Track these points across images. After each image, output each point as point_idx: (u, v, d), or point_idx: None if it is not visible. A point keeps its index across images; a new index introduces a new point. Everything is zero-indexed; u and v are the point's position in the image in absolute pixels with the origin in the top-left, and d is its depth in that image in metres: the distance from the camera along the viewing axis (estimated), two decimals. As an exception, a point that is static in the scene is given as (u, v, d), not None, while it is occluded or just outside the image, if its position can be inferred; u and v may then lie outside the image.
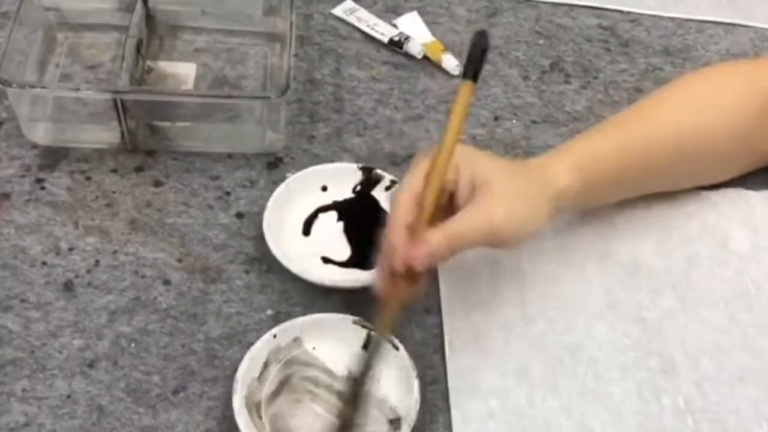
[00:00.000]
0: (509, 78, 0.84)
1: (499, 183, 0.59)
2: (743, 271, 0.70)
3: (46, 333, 0.61)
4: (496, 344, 0.63)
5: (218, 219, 0.69)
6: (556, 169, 0.63)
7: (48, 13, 0.78)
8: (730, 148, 0.71)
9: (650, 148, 0.68)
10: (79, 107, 0.72)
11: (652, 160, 0.68)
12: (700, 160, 0.71)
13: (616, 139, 0.68)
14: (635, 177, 0.69)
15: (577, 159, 0.65)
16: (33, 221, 0.67)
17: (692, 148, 0.69)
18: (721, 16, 0.94)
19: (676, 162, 0.70)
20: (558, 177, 0.63)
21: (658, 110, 0.70)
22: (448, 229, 0.57)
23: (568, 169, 0.63)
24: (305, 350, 0.61)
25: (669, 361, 0.64)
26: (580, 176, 0.64)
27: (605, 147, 0.67)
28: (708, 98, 0.71)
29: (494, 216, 0.58)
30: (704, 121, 0.70)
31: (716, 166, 0.73)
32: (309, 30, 0.86)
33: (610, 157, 0.66)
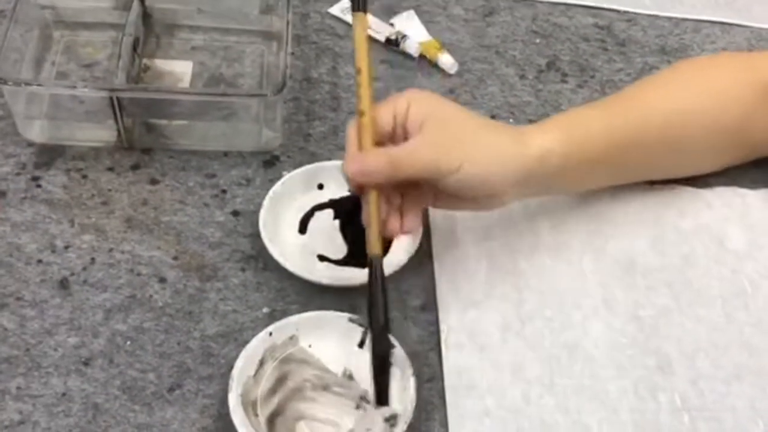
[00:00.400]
0: (506, 77, 0.84)
1: (458, 119, 0.60)
2: (739, 269, 0.70)
3: (42, 331, 0.61)
4: (492, 342, 0.63)
5: (214, 217, 0.69)
6: (537, 132, 0.63)
7: (44, 11, 0.78)
8: (719, 136, 0.71)
9: (638, 127, 0.67)
10: (75, 105, 0.72)
11: (639, 139, 0.68)
12: (687, 144, 0.70)
13: (604, 115, 0.67)
14: (622, 157, 0.68)
15: (563, 127, 0.64)
16: (29, 219, 0.67)
17: (680, 131, 0.69)
18: (717, 15, 0.94)
19: (663, 144, 0.69)
20: (539, 138, 0.62)
21: (649, 92, 0.70)
22: (390, 149, 0.59)
23: (551, 135, 0.63)
24: (301, 348, 0.61)
25: (665, 359, 0.64)
26: (564, 141, 0.63)
27: (592, 121, 0.66)
28: (699, 84, 0.71)
29: (444, 147, 0.58)
30: (693, 106, 0.69)
31: (705, 154, 0.73)
32: (306, 29, 0.85)
33: (597, 132, 0.66)
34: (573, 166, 0.64)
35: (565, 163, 0.63)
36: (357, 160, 0.59)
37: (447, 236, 0.69)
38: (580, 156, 0.65)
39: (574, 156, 0.64)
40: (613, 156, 0.67)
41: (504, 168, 0.61)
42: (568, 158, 0.63)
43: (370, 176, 0.59)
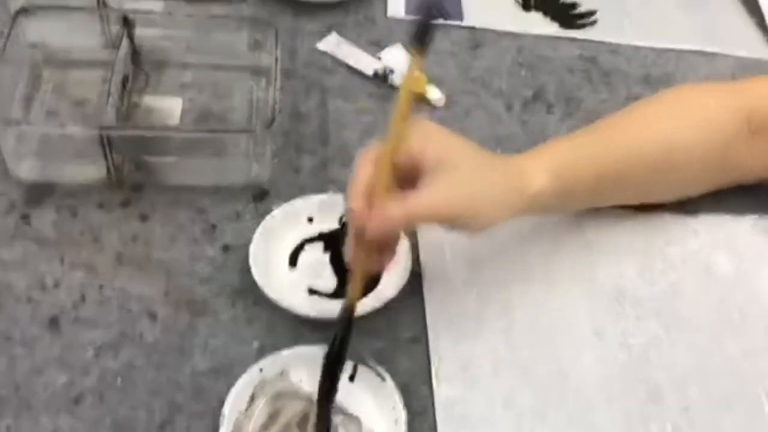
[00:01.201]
0: (493, 108, 0.84)
1: (465, 166, 0.60)
2: (727, 296, 0.70)
3: (31, 369, 0.61)
4: (483, 373, 0.63)
5: (204, 252, 0.69)
6: (531, 170, 0.64)
7: (34, 51, 0.78)
8: (704, 164, 0.72)
9: (625, 159, 0.69)
10: (65, 143, 0.72)
11: (626, 170, 0.69)
12: (673, 173, 0.71)
13: (592, 148, 0.69)
14: (609, 186, 0.70)
15: (554, 164, 0.65)
16: (18, 257, 0.67)
17: (666, 161, 0.70)
18: (699, 45, 0.95)
19: (649, 173, 0.70)
20: (532, 179, 0.64)
21: (635, 122, 0.71)
22: (407, 203, 0.58)
23: (544, 172, 0.64)
24: (292, 383, 0.61)
25: (656, 388, 0.64)
26: (555, 181, 0.64)
27: (581, 155, 0.68)
28: (683, 113, 0.72)
29: (455, 196, 0.59)
30: (679, 135, 0.70)
31: (690, 181, 0.74)
32: (294, 64, 0.86)
33: (586, 165, 0.67)
34: (559, 201, 0.66)
35: (555, 201, 0.66)
36: (378, 216, 0.57)
37: (437, 267, 0.69)
38: (570, 194, 0.67)
39: (565, 193, 0.66)
40: (600, 188, 0.69)
41: (505, 213, 0.62)
42: (559, 196, 0.65)
43: (386, 230, 0.58)
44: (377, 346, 0.64)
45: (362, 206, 0.57)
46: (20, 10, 0.75)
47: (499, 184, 0.62)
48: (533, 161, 0.65)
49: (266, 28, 0.78)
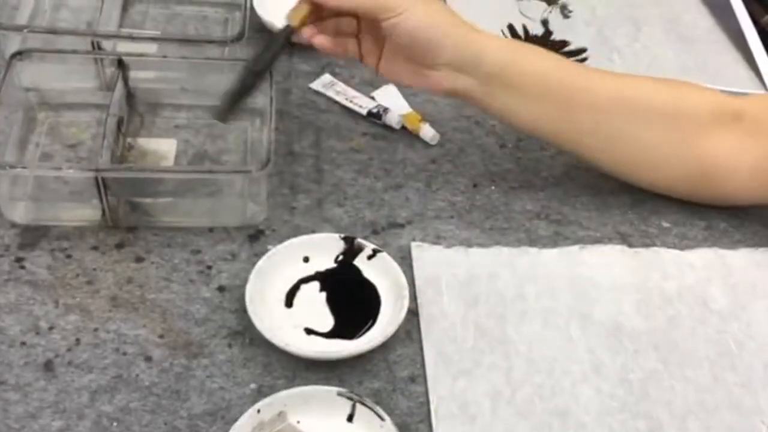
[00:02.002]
0: (486, 146, 0.85)
1: None
2: (724, 329, 0.70)
3: (26, 415, 0.60)
4: (483, 411, 0.63)
5: (200, 293, 0.69)
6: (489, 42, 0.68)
7: (28, 94, 0.78)
8: (673, 135, 0.72)
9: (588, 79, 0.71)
10: (60, 186, 0.72)
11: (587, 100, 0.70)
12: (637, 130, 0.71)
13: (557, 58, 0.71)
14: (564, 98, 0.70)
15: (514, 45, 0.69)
16: (12, 301, 0.67)
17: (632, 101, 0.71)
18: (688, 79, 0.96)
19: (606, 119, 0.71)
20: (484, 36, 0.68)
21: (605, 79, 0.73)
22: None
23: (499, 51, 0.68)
24: (290, 424, 0.60)
25: (656, 423, 0.63)
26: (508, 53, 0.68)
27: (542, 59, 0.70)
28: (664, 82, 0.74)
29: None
30: (650, 94, 0.72)
31: (657, 151, 0.74)
32: (288, 104, 0.87)
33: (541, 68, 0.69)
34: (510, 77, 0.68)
35: (502, 68, 0.67)
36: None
37: (434, 305, 0.69)
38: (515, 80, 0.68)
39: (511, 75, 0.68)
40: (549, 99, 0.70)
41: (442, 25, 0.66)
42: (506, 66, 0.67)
43: None
44: (375, 386, 0.64)
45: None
46: (15, 54, 0.75)
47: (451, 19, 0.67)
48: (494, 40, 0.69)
49: (260, 69, 0.79)
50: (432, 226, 0.76)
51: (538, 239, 0.76)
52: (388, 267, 0.70)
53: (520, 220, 0.78)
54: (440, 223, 0.76)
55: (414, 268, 0.71)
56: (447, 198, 0.79)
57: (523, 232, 0.77)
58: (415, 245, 0.73)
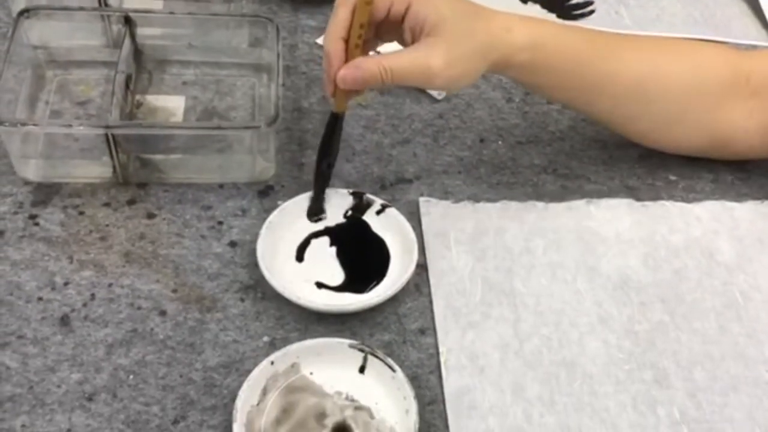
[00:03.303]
0: (493, 101, 0.85)
1: (447, 32, 0.63)
2: (730, 281, 0.71)
3: (44, 368, 0.61)
4: (491, 363, 0.64)
5: (212, 248, 0.70)
6: (515, 28, 0.66)
7: (37, 52, 0.78)
8: (691, 105, 0.73)
9: (612, 63, 0.70)
10: (70, 143, 0.73)
11: (609, 75, 0.70)
12: (658, 103, 0.72)
13: (583, 40, 0.70)
14: (589, 83, 0.71)
15: (541, 31, 0.67)
16: (27, 257, 0.67)
17: (654, 86, 0.71)
18: (696, 32, 0.96)
19: (633, 91, 0.71)
20: (514, 36, 0.66)
21: (632, 42, 0.73)
22: (385, 62, 0.62)
23: (527, 35, 0.66)
24: (303, 376, 0.62)
25: (662, 373, 0.65)
26: (536, 46, 0.67)
27: (570, 38, 0.69)
28: (681, 50, 0.74)
29: (433, 62, 0.63)
30: (670, 67, 0.72)
31: (675, 121, 0.74)
32: (295, 60, 0.87)
33: (572, 50, 0.69)
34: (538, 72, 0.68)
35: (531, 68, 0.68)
36: (352, 68, 0.63)
37: (442, 258, 0.70)
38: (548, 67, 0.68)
39: (542, 65, 0.68)
40: (579, 79, 0.70)
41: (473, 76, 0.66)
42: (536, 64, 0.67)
43: (359, 84, 0.63)
44: (386, 338, 0.65)
45: (338, 51, 0.63)
46: (22, 12, 0.75)
47: (479, 37, 0.65)
48: (521, 22, 0.67)
49: (266, 24, 0.78)
50: (440, 181, 0.77)
51: (545, 193, 0.77)
52: (396, 222, 0.70)
53: (528, 174, 0.78)
54: (448, 178, 0.77)
55: (422, 222, 0.72)
56: (454, 153, 0.79)
57: (531, 187, 0.77)
58: (423, 200, 0.74)
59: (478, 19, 0.65)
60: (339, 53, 0.64)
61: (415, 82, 0.66)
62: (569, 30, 0.71)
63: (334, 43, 0.63)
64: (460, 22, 0.64)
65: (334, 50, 0.63)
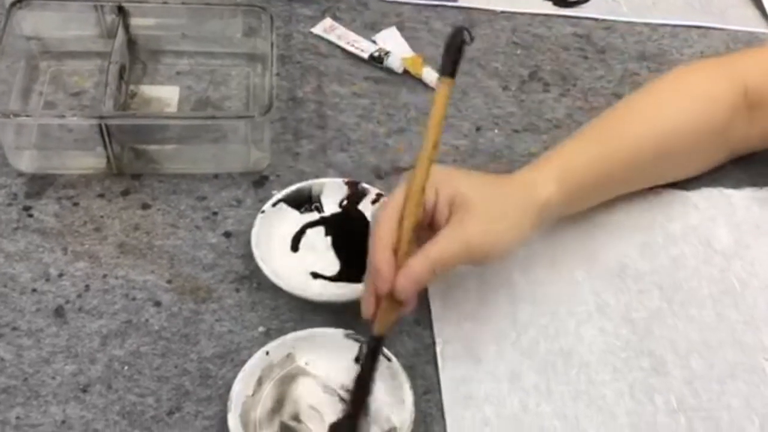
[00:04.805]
0: (489, 89, 0.85)
1: (476, 201, 0.60)
2: (728, 268, 0.71)
3: (39, 360, 0.61)
4: (488, 352, 0.64)
5: (206, 239, 0.69)
6: (538, 182, 0.64)
7: (30, 43, 0.78)
8: (709, 142, 0.73)
9: (632, 151, 0.69)
10: (64, 134, 0.73)
11: (634, 162, 0.70)
12: (680, 153, 0.72)
13: (598, 146, 0.69)
14: (617, 180, 0.71)
15: (560, 170, 0.65)
16: (21, 249, 0.67)
17: (673, 145, 0.71)
18: (693, 20, 0.95)
19: (656, 162, 0.71)
20: (540, 190, 0.64)
21: (638, 112, 0.71)
22: (428, 253, 0.57)
23: (551, 181, 0.64)
24: (298, 366, 0.61)
25: (660, 361, 0.64)
26: (562, 187, 0.64)
27: (587, 156, 0.68)
28: (686, 93, 0.73)
29: (471, 235, 0.59)
30: (684, 115, 0.71)
31: (694, 159, 0.75)
32: (289, 49, 0.86)
33: (593, 165, 0.67)
34: (568, 205, 0.67)
35: (565, 206, 0.66)
36: (406, 275, 0.56)
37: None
38: (578, 197, 0.67)
39: (572, 199, 0.66)
40: (608, 184, 0.70)
41: (517, 236, 0.62)
42: (568, 201, 0.66)
43: (416, 287, 0.58)
44: (382, 327, 0.65)
45: (389, 268, 0.56)
46: (14, 2, 0.75)
47: (511, 209, 0.62)
48: (539, 173, 0.65)
49: (261, 14, 0.78)
50: (436, 169, 0.76)
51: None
52: (392, 211, 0.70)
53: (524, 162, 0.77)
54: (444, 166, 0.76)
55: (418, 211, 0.72)
56: (450, 141, 0.79)
57: (527, 175, 0.77)
58: (419, 189, 0.74)
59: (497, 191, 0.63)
60: (391, 265, 0.57)
61: (462, 260, 0.60)
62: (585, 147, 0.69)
63: (383, 253, 0.57)
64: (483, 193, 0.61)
65: (385, 262, 0.56)
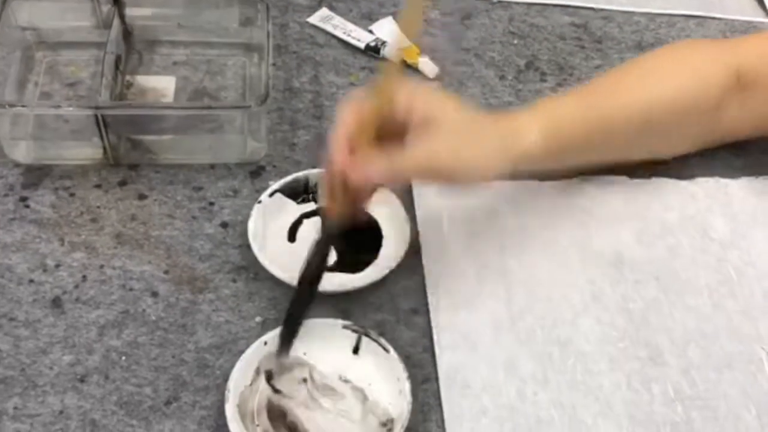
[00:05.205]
0: (486, 79, 0.84)
1: (451, 124, 0.60)
2: (724, 258, 0.71)
3: (36, 350, 0.61)
4: (484, 341, 0.64)
5: (203, 229, 0.69)
6: (522, 127, 0.65)
7: (26, 33, 0.78)
8: (698, 117, 0.73)
9: (617, 117, 0.69)
10: (60, 124, 0.72)
11: (618, 128, 0.69)
12: (668, 128, 0.72)
13: (584, 105, 0.69)
14: (600, 144, 0.70)
15: (544, 120, 0.66)
16: (18, 239, 0.67)
17: (661, 116, 0.71)
18: (691, 9, 0.95)
19: (644, 130, 0.71)
20: (522, 134, 0.64)
21: (627, 79, 0.72)
22: (391, 160, 0.59)
23: (534, 128, 0.65)
24: (296, 356, 0.62)
25: (656, 351, 0.64)
26: (545, 137, 0.65)
27: (572, 112, 0.68)
28: (679, 68, 0.73)
29: (438, 152, 0.60)
30: (675, 90, 0.71)
31: (684, 137, 0.75)
32: (286, 39, 0.86)
33: (577, 124, 0.68)
34: (553, 157, 0.67)
35: (545, 157, 0.66)
36: (361, 168, 0.58)
37: (435, 238, 0.70)
38: (560, 151, 0.67)
39: (555, 150, 0.66)
40: (590, 146, 0.69)
41: (492, 167, 0.62)
42: (549, 152, 0.65)
43: (369, 182, 0.60)
44: (379, 318, 0.65)
45: (345, 156, 0.58)
46: (10, -7, 0.75)
47: (488, 138, 0.63)
48: (524, 118, 0.66)
49: (257, 3, 0.78)
50: (433, 159, 0.76)
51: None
52: (389, 201, 0.70)
53: (521, 152, 0.78)
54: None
55: (415, 201, 0.72)
56: (448, 132, 0.79)
57: (524, 165, 0.77)
58: (416, 179, 0.74)
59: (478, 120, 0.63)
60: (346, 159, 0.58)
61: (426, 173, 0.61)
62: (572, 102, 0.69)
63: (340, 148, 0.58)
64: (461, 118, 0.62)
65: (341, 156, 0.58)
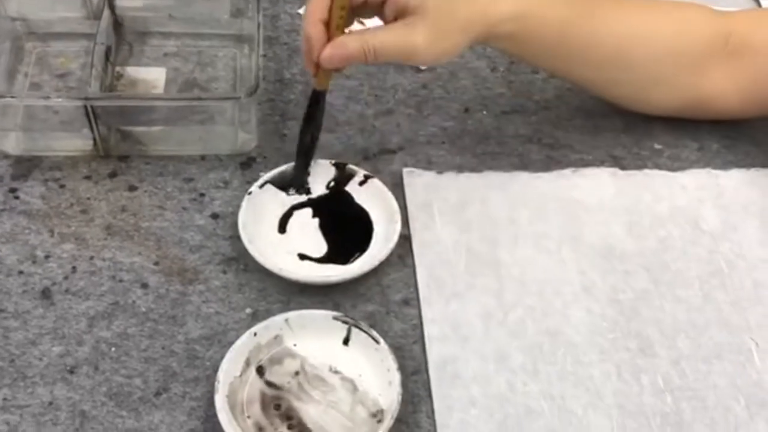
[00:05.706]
0: (478, 70, 0.84)
1: (430, 9, 0.63)
2: (715, 249, 0.71)
3: (26, 341, 0.61)
4: (475, 333, 0.64)
5: (194, 221, 0.69)
6: (499, 11, 0.66)
7: (15, 23, 0.77)
8: (672, 71, 0.73)
9: (596, 29, 0.70)
10: (50, 116, 0.72)
11: (593, 40, 0.70)
12: (640, 65, 0.72)
13: (566, 7, 0.70)
14: (574, 50, 0.71)
15: (521, 8, 0.67)
16: (8, 231, 0.67)
17: (636, 47, 0.71)
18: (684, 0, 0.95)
19: (615, 55, 0.71)
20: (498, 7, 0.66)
21: (613, 3, 0.72)
22: (366, 38, 0.62)
23: (510, 16, 0.67)
24: (286, 347, 0.61)
25: (646, 342, 0.65)
26: (520, 18, 0.67)
27: (554, 7, 0.69)
28: (664, 8, 0.73)
29: (418, 43, 0.63)
30: (652, 27, 0.72)
31: (660, 84, 0.74)
32: (276, 30, 0.86)
33: (555, 19, 0.69)
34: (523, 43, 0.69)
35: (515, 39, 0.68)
36: (334, 47, 0.62)
37: (426, 229, 0.70)
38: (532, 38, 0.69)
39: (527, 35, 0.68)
40: (564, 48, 0.70)
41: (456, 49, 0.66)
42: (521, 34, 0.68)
43: (342, 62, 0.64)
44: (369, 309, 0.65)
45: (319, 33, 0.62)
46: (-1, -17, 0.74)
47: (461, 12, 0.65)
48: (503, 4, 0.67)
49: (248, -6, 0.78)
50: (423, 151, 0.76)
51: (530, 163, 0.76)
52: (379, 192, 0.70)
53: (512, 144, 0.78)
54: (432, 148, 0.76)
55: (406, 193, 0.72)
56: (438, 123, 0.79)
57: (516, 157, 0.77)
58: (406, 171, 0.74)
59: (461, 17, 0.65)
60: (320, 35, 0.63)
61: (399, 59, 0.66)
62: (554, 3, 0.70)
63: (314, 26, 0.63)
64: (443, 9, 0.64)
65: (315, 33, 0.63)
